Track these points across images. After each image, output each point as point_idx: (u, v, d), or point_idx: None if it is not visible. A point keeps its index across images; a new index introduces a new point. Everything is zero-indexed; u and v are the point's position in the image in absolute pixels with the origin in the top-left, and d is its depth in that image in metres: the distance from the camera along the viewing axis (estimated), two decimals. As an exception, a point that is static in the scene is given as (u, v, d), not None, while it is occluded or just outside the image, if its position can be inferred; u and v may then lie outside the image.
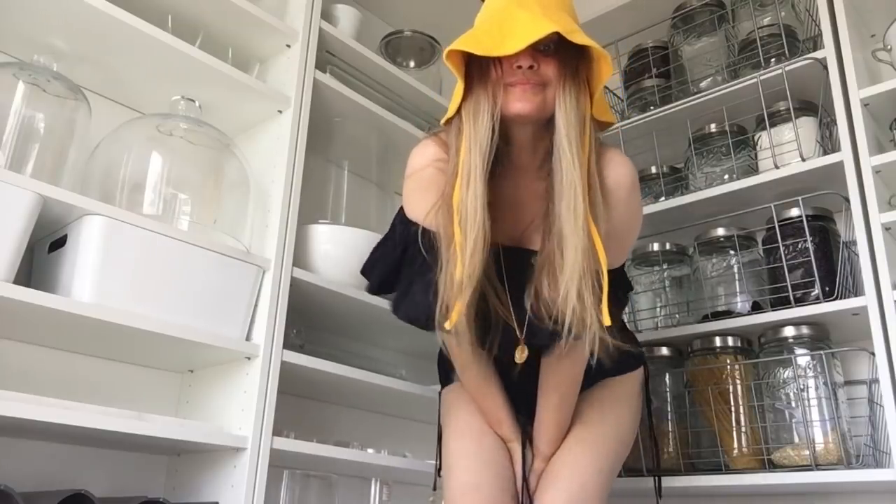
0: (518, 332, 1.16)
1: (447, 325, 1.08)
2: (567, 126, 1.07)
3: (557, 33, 1.03)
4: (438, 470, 1.40)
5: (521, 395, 1.29)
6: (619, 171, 1.16)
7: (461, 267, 1.06)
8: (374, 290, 1.30)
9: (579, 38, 1.04)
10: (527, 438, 1.29)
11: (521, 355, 1.17)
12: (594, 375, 1.28)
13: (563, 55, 1.08)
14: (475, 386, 1.29)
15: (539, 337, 1.14)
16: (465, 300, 1.06)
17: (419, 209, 1.17)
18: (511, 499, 1.23)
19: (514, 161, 1.17)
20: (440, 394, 1.44)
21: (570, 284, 1.05)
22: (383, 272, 1.25)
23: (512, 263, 1.16)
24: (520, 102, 1.08)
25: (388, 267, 1.23)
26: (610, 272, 1.09)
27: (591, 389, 1.32)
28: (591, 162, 1.09)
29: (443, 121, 1.17)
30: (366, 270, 1.30)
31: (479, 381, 1.28)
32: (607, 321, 1.05)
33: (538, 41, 1.04)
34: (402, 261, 1.20)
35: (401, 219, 1.23)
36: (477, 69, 1.10)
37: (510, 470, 1.26)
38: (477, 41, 1.06)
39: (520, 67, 1.07)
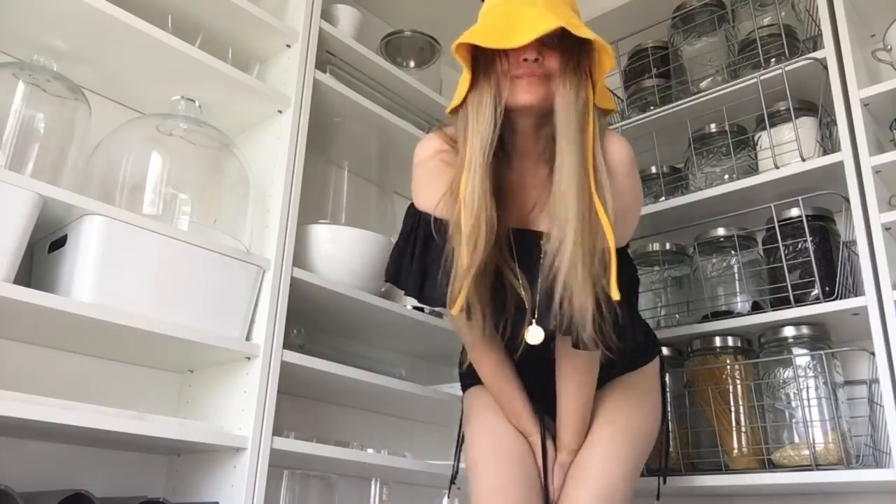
0: (529, 312, 1.16)
1: (453, 311, 1.10)
2: (567, 115, 1.11)
3: (563, 28, 1.07)
4: (454, 475, 1.44)
5: (538, 388, 1.30)
6: (617, 149, 1.19)
7: (465, 253, 1.08)
8: (394, 281, 1.28)
9: (583, 32, 1.08)
10: (546, 431, 1.30)
11: (533, 336, 1.16)
12: (611, 370, 1.29)
13: (565, 48, 1.12)
14: (491, 375, 1.30)
15: (549, 319, 1.14)
16: (468, 285, 1.08)
17: (426, 199, 1.21)
18: (537, 495, 1.24)
19: (518, 148, 1.21)
20: (462, 399, 1.45)
21: (570, 267, 1.06)
22: (398, 263, 1.25)
23: (521, 245, 1.18)
24: (526, 94, 1.12)
25: (404, 258, 1.24)
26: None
27: (613, 385, 1.32)
28: (596, 147, 1.13)
29: (448, 110, 1.19)
30: (390, 269, 1.28)
31: (494, 371, 1.29)
32: (616, 295, 1.07)
33: (543, 35, 1.07)
34: (415, 248, 1.21)
35: (409, 211, 1.25)
36: (483, 62, 1.13)
37: (534, 466, 1.27)
38: (485, 34, 1.09)
39: (525, 60, 1.10)
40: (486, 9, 1.16)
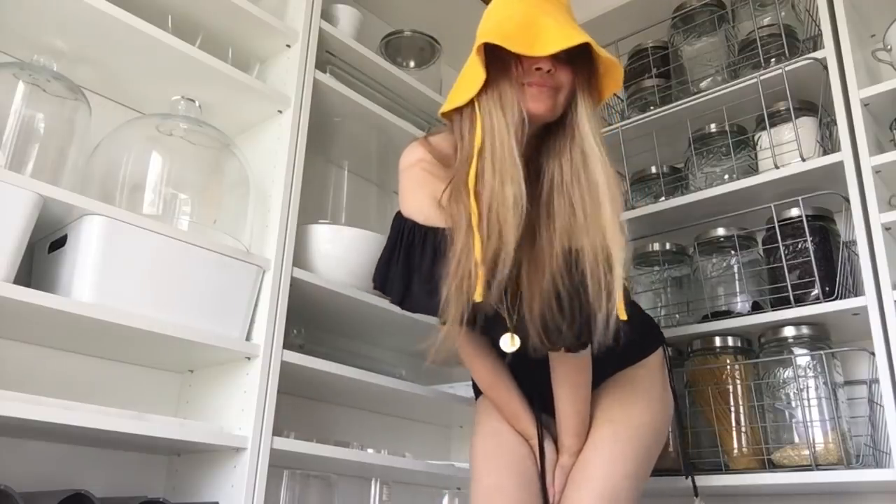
0: (508, 319, 1.15)
1: (477, 296, 1.07)
2: (591, 127, 1.13)
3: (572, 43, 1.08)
4: None
5: (537, 389, 1.30)
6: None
7: (481, 246, 1.06)
8: (381, 288, 1.28)
9: (604, 52, 1.11)
10: (546, 432, 1.30)
11: (510, 344, 1.16)
12: (607, 367, 1.29)
13: (576, 63, 1.13)
14: (485, 380, 1.31)
15: (525, 326, 1.13)
16: (505, 272, 1.06)
17: (411, 206, 1.22)
18: (537, 497, 1.24)
19: None
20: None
21: (618, 279, 1.06)
22: (385, 271, 1.25)
23: None
24: (536, 102, 1.12)
25: (391, 265, 1.24)
26: None
27: (611, 382, 1.32)
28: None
29: (447, 109, 1.18)
30: (377, 277, 1.28)
31: (488, 375, 1.30)
32: (623, 315, 1.07)
33: (568, 47, 1.08)
34: (400, 256, 1.21)
35: (395, 218, 1.25)
36: (495, 63, 1.12)
37: (535, 469, 1.27)
38: (508, 37, 1.08)
39: (539, 69, 1.11)
40: (498, 12, 1.15)
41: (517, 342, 1.14)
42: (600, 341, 1.07)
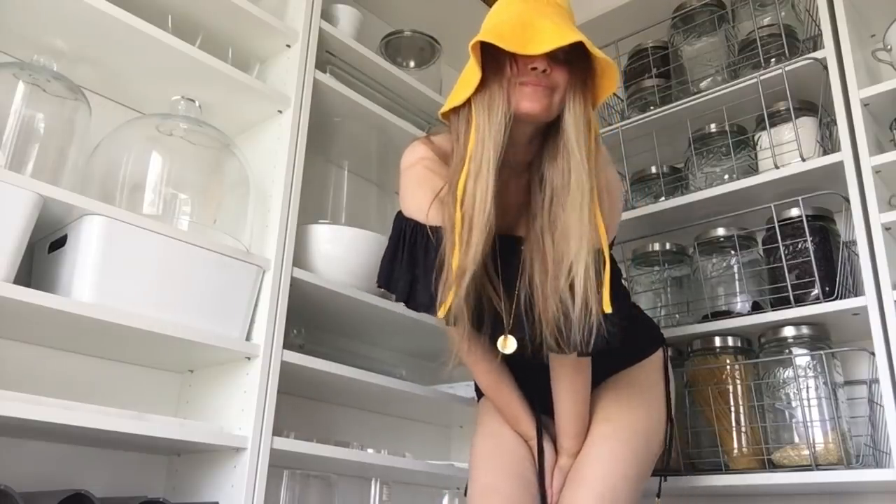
0: (506, 321, 1.16)
1: (440, 313, 1.10)
2: (576, 130, 1.12)
3: (570, 44, 1.08)
4: None
5: (538, 391, 1.30)
6: (610, 171, 1.23)
7: (458, 255, 1.08)
8: (385, 286, 1.29)
9: (598, 53, 1.10)
10: (545, 432, 1.30)
11: (504, 344, 1.17)
12: (606, 367, 1.29)
13: (573, 65, 1.13)
14: (486, 381, 1.31)
15: (524, 328, 1.14)
16: (464, 288, 1.08)
17: (412, 205, 1.22)
18: (533, 498, 1.24)
19: (505, 157, 1.19)
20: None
21: (587, 278, 1.07)
22: (390, 270, 1.25)
23: (504, 251, 1.18)
24: (530, 102, 1.11)
25: (395, 264, 1.24)
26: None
27: (610, 383, 1.32)
28: (595, 163, 1.14)
29: (446, 109, 1.18)
30: (381, 276, 1.29)
31: (488, 376, 1.30)
32: (608, 308, 1.07)
33: (556, 48, 1.08)
34: (403, 254, 1.21)
35: (396, 217, 1.26)
36: (491, 64, 1.12)
37: (532, 470, 1.27)
38: (502, 36, 1.08)
39: (534, 69, 1.10)
40: (497, 14, 1.16)
41: (512, 344, 1.15)
42: (556, 342, 1.08)
